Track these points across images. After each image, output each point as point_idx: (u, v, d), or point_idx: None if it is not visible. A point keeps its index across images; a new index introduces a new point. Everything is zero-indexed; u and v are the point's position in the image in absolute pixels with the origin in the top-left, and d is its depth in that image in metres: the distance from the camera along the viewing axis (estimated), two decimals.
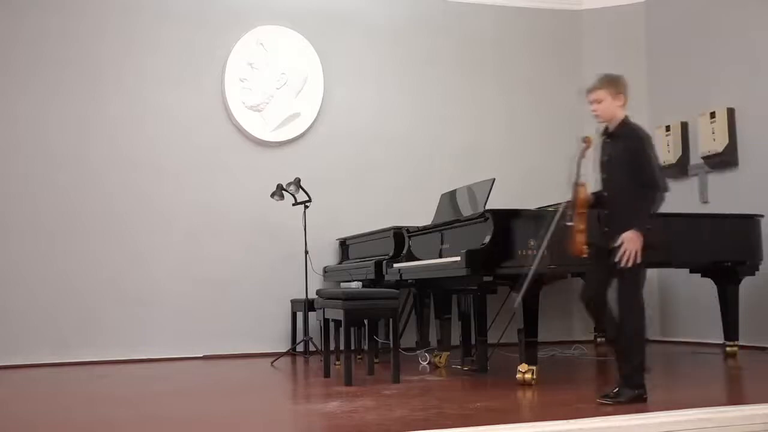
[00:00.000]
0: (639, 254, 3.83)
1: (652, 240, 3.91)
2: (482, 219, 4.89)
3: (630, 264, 3.83)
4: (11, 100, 6.90)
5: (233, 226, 7.31)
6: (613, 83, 4.04)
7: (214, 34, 7.40)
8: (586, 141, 3.98)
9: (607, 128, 4.10)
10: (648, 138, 4.01)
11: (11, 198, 6.82)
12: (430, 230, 5.83)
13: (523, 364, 4.64)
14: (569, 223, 3.97)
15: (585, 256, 3.90)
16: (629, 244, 3.83)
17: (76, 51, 7.06)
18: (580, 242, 3.90)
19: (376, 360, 5.75)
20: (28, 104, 6.92)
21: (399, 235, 6.29)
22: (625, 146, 3.98)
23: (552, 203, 5.45)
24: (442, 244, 5.58)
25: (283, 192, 6.87)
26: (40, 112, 6.94)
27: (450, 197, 6.24)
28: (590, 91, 4.07)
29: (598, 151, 4.13)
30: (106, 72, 7.13)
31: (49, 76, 6.97)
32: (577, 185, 3.96)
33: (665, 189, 3.96)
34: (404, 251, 6.12)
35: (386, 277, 6.16)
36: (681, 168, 7.47)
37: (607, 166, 4.08)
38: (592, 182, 4.14)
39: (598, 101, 4.04)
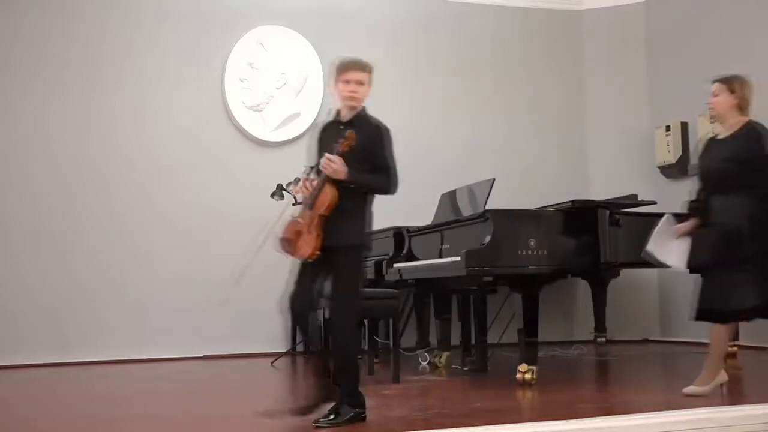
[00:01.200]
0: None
1: (367, 240, 3.71)
2: (482, 219, 4.89)
3: (332, 170, 3.52)
4: (11, 100, 6.90)
5: (233, 226, 7.29)
6: (372, 71, 3.72)
7: (214, 34, 7.40)
8: (349, 137, 3.58)
9: (339, 114, 3.73)
10: (386, 130, 3.73)
11: (11, 198, 6.82)
12: (430, 230, 5.83)
13: (523, 364, 4.65)
14: (300, 220, 3.66)
15: (312, 260, 3.56)
16: (334, 163, 3.51)
17: (76, 51, 7.06)
18: (315, 246, 3.56)
19: (376, 360, 5.75)
20: (28, 104, 6.92)
21: (399, 235, 6.28)
22: (364, 136, 3.63)
23: (552, 203, 5.46)
24: (442, 244, 5.57)
25: (283, 192, 6.86)
26: (40, 112, 6.94)
27: (450, 197, 6.24)
28: (356, 69, 3.67)
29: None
30: (106, 72, 7.13)
31: (49, 76, 6.97)
32: (325, 182, 3.58)
33: (395, 182, 3.78)
34: (404, 251, 6.12)
35: (386, 277, 6.15)
36: (681, 168, 7.47)
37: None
38: None
39: (361, 83, 3.67)
